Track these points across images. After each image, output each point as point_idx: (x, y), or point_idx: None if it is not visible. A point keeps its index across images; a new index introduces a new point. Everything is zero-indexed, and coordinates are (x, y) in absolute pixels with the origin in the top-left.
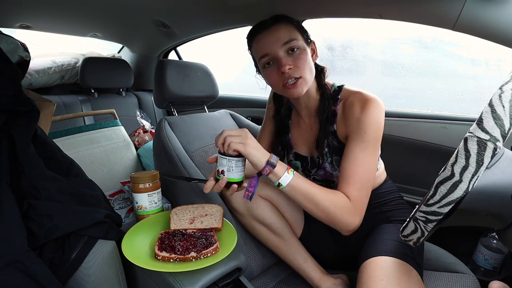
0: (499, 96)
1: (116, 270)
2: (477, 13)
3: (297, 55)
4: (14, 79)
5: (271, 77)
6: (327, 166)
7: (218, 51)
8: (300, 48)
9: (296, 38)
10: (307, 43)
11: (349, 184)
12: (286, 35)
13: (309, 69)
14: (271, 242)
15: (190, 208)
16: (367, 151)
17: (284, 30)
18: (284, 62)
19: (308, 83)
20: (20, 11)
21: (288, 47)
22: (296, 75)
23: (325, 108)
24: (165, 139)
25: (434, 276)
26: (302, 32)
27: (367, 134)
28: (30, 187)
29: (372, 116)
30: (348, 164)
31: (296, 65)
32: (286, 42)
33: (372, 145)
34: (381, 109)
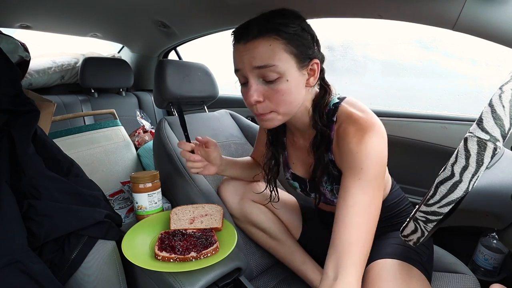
0: (499, 96)
1: (116, 270)
2: (477, 13)
3: (274, 86)
4: (14, 79)
5: (243, 96)
6: (327, 193)
7: (218, 51)
8: (281, 76)
9: (275, 64)
10: (300, 66)
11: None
12: (263, 57)
13: (286, 103)
14: (269, 245)
15: (190, 208)
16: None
17: (263, 50)
18: (252, 93)
19: (285, 117)
20: (20, 11)
21: (262, 74)
22: (265, 111)
23: (317, 143)
24: (165, 139)
25: (434, 276)
26: (298, 51)
27: (364, 170)
28: (30, 187)
29: (369, 149)
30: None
31: (268, 98)
32: (259, 66)
33: (372, 184)
34: (381, 138)
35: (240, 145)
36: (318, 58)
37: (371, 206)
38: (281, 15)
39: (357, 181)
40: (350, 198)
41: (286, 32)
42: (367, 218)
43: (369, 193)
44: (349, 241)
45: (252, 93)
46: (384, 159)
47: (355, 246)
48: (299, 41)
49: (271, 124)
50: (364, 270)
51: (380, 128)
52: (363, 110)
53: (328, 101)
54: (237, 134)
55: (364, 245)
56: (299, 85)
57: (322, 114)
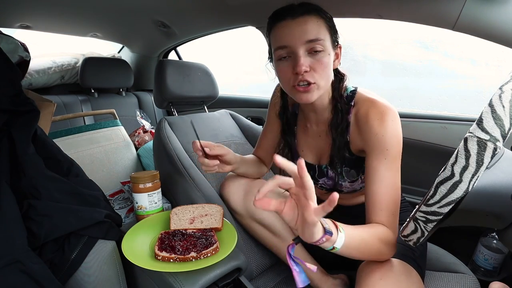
0: (499, 96)
1: (116, 270)
2: (477, 13)
3: (319, 58)
4: (14, 79)
5: (283, 72)
6: (336, 177)
7: (218, 51)
8: (324, 50)
9: (323, 39)
10: (333, 46)
11: (383, 210)
12: (314, 32)
13: (326, 77)
14: (270, 243)
15: (190, 208)
16: (393, 168)
17: (312, 25)
18: (302, 62)
19: (321, 91)
20: (20, 11)
21: (311, 47)
22: (310, 80)
23: (338, 122)
24: (165, 139)
25: (434, 276)
26: (333, 32)
27: (389, 151)
28: (30, 187)
29: (392, 131)
30: (378, 188)
31: (314, 69)
32: (311, 40)
33: (396, 161)
34: (398, 120)
35: (240, 145)
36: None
37: (396, 182)
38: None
39: (383, 160)
40: (380, 176)
41: (325, 15)
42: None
43: (393, 169)
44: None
45: (303, 62)
46: (401, 138)
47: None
48: (332, 25)
49: (311, 96)
50: (357, 269)
51: (395, 111)
52: (378, 96)
53: (345, 86)
54: (237, 134)
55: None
56: (332, 63)
57: (341, 94)
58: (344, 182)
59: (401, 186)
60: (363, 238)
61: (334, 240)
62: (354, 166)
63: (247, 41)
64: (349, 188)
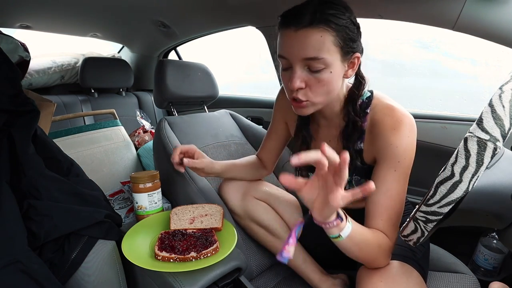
0: (499, 96)
1: (116, 270)
2: (477, 13)
3: (317, 75)
4: (14, 79)
5: (283, 81)
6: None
7: (218, 51)
8: (326, 67)
9: (323, 57)
10: (343, 58)
11: (384, 221)
12: (314, 49)
13: (325, 92)
14: (270, 243)
15: (190, 208)
16: (401, 180)
17: (314, 41)
18: (295, 79)
19: (318, 106)
20: (20, 11)
21: (309, 64)
22: (302, 98)
23: (349, 132)
24: (165, 139)
25: (434, 276)
26: (344, 43)
27: (401, 163)
28: (30, 187)
29: (406, 143)
30: (382, 198)
31: (310, 87)
32: (308, 58)
33: (405, 173)
34: (415, 131)
35: (240, 145)
36: (360, 51)
37: (401, 193)
38: (332, 4)
39: (393, 172)
40: (386, 186)
41: (337, 24)
42: (400, 199)
43: (401, 181)
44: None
45: (296, 79)
46: (415, 150)
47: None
48: (347, 34)
49: (306, 111)
50: (358, 271)
51: (413, 120)
52: (395, 103)
53: (362, 93)
54: (237, 134)
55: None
56: (339, 77)
57: (355, 104)
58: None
59: None
60: (366, 237)
61: (342, 227)
62: (366, 175)
63: (247, 41)
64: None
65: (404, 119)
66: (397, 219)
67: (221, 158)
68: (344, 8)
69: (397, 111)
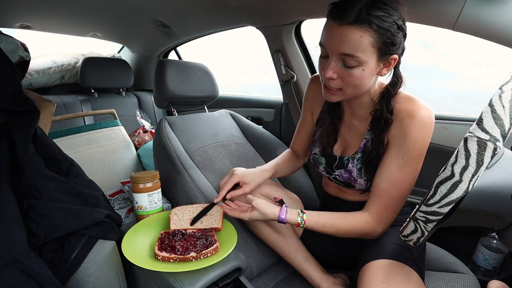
0: (499, 96)
1: (116, 270)
2: (477, 13)
3: (350, 70)
4: (14, 79)
5: (319, 66)
6: (354, 171)
7: (218, 52)
8: (360, 65)
9: (359, 56)
10: (379, 58)
11: (378, 203)
12: (352, 47)
13: (356, 86)
14: (273, 241)
15: (190, 208)
16: (405, 169)
17: (353, 39)
18: (329, 69)
19: (347, 96)
20: (20, 11)
21: (344, 59)
22: (332, 86)
23: (378, 125)
24: (165, 139)
25: (434, 276)
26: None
27: (409, 152)
28: (30, 187)
29: (420, 134)
30: (382, 182)
31: (342, 79)
32: (344, 54)
33: (411, 163)
34: (431, 124)
35: (241, 145)
36: (398, 53)
37: (406, 179)
38: (382, 5)
39: (399, 160)
40: (389, 172)
41: (379, 27)
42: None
43: (405, 170)
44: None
45: (329, 70)
46: (428, 142)
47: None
48: (387, 38)
49: (335, 99)
50: (358, 272)
51: (431, 114)
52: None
53: (398, 91)
54: (237, 134)
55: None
56: (372, 74)
57: (390, 102)
58: (360, 179)
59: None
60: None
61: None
62: (376, 166)
63: (247, 41)
64: (361, 186)
65: (422, 109)
66: (392, 203)
67: (221, 157)
68: (393, 9)
69: (416, 101)
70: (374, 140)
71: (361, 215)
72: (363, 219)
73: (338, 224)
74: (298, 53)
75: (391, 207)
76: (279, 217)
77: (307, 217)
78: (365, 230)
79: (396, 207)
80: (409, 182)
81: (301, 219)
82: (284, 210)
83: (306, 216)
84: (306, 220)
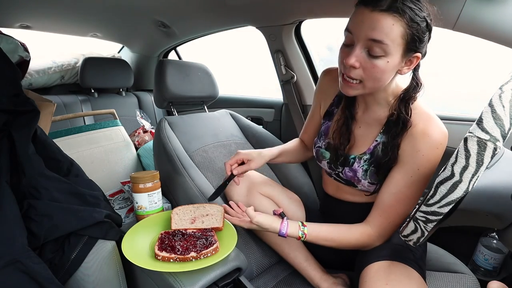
0: (499, 96)
1: (116, 270)
2: (477, 13)
3: (375, 61)
4: (14, 79)
5: (340, 55)
6: (359, 171)
7: (218, 52)
8: (385, 55)
9: (388, 43)
10: (404, 53)
11: (382, 217)
12: (382, 33)
13: (376, 79)
14: (273, 241)
15: (191, 208)
16: (413, 187)
17: (385, 25)
18: (353, 56)
19: (366, 90)
20: (20, 11)
21: (372, 46)
22: (353, 76)
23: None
24: (165, 139)
25: (434, 276)
26: (412, 39)
27: (419, 171)
28: (30, 187)
29: (433, 154)
30: (388, 198)
31: (364, 69)
32: (374, 39)
33: (421, 182)
34: (445, 146)
35: (241, 145)
36: (422, 53)
37: (413, 197)
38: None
39: (409, 178)
40: (397, 189)
41: (411, 19)
42: (407, 203)
43: (413, 188)
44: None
45: (353, 57)
46: (437, 164)
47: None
48: (416, 32)
49: (352, 92)
50: (360, 274)
51: (447, 137)
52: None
53: (417, 96)
54: (237, 134)
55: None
56: (394, 69)
57: (408, 105)
58: (364, 180)
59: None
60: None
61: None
62: (381, 170)
63: (247, 41)
64: (364, 188)
65: (438, 130)
66: (396, 218)
67: (221, 157)
68: (426, 6)
69: (434, 120)
70: (387, 143)
71: (362, 229)
72: (365, 233)
73: (339, 238)
74: (298, 53)
75: (394, 222)
76: (280, 232)
77: (308, 230)
78: (366, 243)
79: (399, 222)
80: (415, 199)
81: (302, 233)
82: (285, 224)
83: (307, 230)
84: (307, 234)
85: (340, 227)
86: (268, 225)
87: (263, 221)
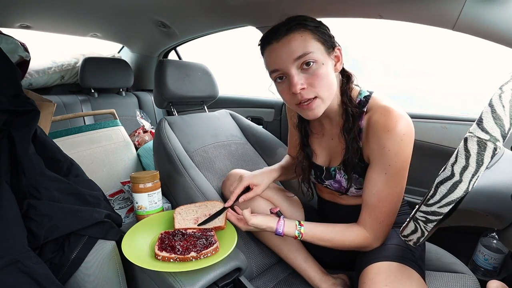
0: (499, 96)
1: (116, 270)
2: (477, 13)
3: (313, 71)
4: (14, 79)
5: (283, 94)
6: (343, 181)
7: (218, 52)
8: (317, 61)
9: (311, 51)
10: (328, 52)
11: (371, 218)
12: (300, 47)
13: (327, 86)
14: (272, 242)
15: (193, 207)
16: (391, 183)
17: (297, 42)
18: (296, 81)
19: (326, 102)
20: (20, 11)
21: (301, 62)
22: (310, 96)
23: (349, 127)
24: (165, 139)
25: (434, 276)
26: (324, 39)
27: (391, 166)
28: (30, 187)
29: (399, 147)
30: (371, 199)
31: (312, 84)
32: (299, 57)
33: (396, 176)
34: (410, 134)
35: (240, 145)
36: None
37: (394, 193)
38: (299, 16)
39: (383, 175)
40: (375, 188)
41: (310, 25)
42: (390, 200)
43: (391, 184)
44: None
45: (296, 82)
46: (410, 154)
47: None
48: (322, 31)
49: (317, 112)
50: (360, 275)
51: (410, 123)
52: (393, 104)
53: (354, 87)
54: (237, 134)
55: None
56: (331, 69)
57: (350, 98)
58: (351, 187)
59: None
60: (327, 236)
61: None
62: (363, 174)
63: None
64: (354, 194)
65: (399, 121)
66: (385, 217)
67: (221, 157)
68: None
69: (393, 112)
70: (352, 146)
71: (358, 231)
72: (360, 235)
73: (334, 239)
74: None
75: (385, 221)
76: (276, 231)
77: (305, 230)
78: (363, 245)
79: (390, 220)
80: (398, 194)
81: (299, 232)
82: (281, 223)
83: (303, 229)
84: (303, 233)
85: (336, 227)
86: (265, 224)
87: (259, 222)
